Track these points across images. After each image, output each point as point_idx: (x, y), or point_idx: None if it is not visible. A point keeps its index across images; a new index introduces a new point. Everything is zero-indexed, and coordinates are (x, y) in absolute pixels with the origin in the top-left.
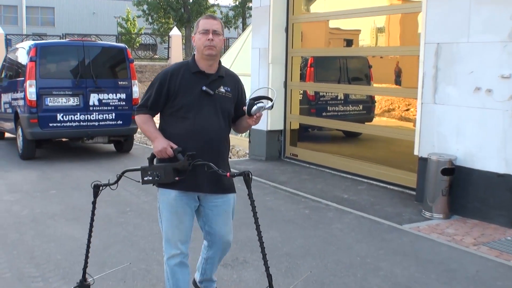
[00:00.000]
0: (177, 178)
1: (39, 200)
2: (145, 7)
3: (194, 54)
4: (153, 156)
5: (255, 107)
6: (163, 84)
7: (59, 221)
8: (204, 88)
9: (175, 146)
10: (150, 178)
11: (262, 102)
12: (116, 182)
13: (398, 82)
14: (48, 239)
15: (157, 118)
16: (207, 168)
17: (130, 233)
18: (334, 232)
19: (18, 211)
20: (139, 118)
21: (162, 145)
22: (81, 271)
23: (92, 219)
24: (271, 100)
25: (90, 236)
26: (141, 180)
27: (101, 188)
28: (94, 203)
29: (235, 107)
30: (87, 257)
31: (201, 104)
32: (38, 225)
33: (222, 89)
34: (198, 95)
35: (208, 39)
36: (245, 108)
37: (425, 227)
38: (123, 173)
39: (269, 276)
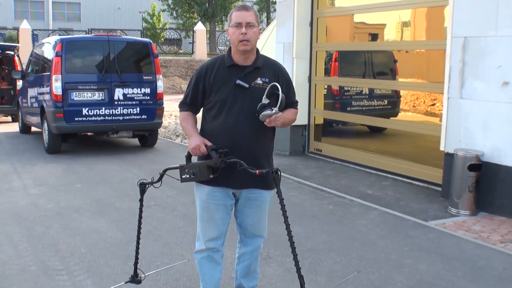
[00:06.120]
0: (211, 176)
1: (64, 194)
2: (169, 1)
3: (230, 47)
4: (189, 154)
5: (260, 116)
6: (199, 80)
7: (84, 215)
8: (237, 81)
9: (209, 144)
10: (188, 176)
11: (271, 109)
12: (159, 180)
13: (423, 76)
14: (73, 232)
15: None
16: (239, 165)
17: (154, 227)
18: (358, 228)
19: (43, 205)
20: (180, 115)
21: (195, 142)
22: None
23: (140, 216)
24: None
25: (139, 233)
26: (180, 178)
27: (147, 186)
28: (141, 200)
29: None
30: (137, 253)
31: (235, 99)
32: (63, 218)
33: (259, 81)
34: (232, 90)
35: (242, 33)
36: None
37: (451, 224)
38: (164, 171)
39: (301, 278)
